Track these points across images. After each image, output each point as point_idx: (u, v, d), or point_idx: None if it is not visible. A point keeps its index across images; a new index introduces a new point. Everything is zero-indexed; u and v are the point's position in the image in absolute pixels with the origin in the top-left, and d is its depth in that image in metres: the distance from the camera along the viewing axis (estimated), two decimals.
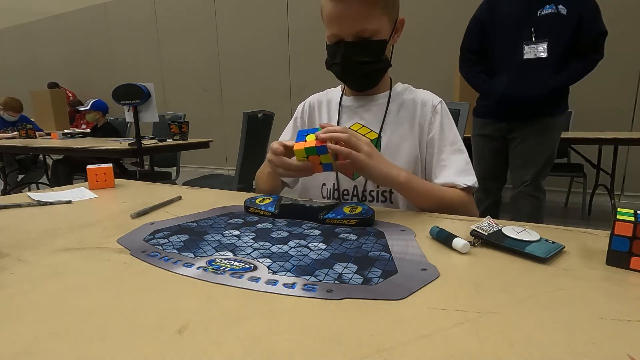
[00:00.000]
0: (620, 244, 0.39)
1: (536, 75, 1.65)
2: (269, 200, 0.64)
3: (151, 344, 0.27)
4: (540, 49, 1.65)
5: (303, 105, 0.91)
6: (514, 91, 1.69)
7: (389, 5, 0.72)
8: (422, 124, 0.79)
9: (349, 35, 0.71)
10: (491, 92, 1.78)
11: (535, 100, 1.67)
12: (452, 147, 0.77)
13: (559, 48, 1.63)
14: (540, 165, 1.75)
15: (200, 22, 5.02)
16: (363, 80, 0.79)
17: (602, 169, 2.71)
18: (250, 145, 1.95)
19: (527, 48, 1.66)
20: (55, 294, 0.36)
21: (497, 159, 1.88)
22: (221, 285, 0.37)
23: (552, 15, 1.61)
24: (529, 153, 1.76)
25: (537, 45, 1.65)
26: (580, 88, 3.12)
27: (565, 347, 0.26)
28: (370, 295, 0.34)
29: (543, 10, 1.62)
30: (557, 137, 1.78)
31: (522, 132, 1.75)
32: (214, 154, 4.09)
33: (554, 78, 1.65)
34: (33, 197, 0.77)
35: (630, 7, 2.91)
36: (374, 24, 0.71)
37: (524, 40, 1.66)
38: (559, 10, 1.60)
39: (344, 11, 0.69)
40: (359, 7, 0.68)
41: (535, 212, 1.80)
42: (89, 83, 6.21)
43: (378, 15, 0.71)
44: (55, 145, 2.57)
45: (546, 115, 1.71)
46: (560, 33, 1.61)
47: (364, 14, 0.69)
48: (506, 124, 1.78)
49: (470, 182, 0.73)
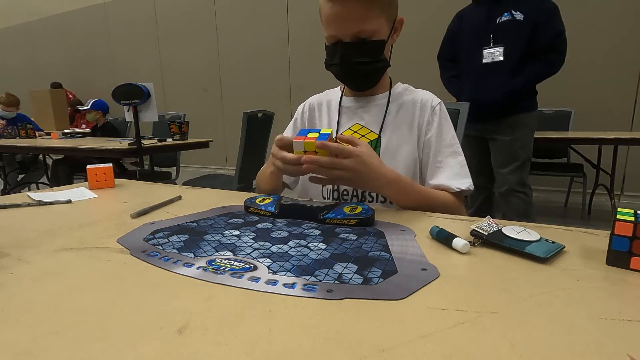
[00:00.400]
0: (620, 244, 0.39)
1: (494, 78, 1.80)
2: (269, 200, 0.64)
3: (151, 344, 0.27)
4: (497, 53, 1.80)
5: (303, 106, 0.91)
6: (476, 93, 1.83)
7: (387, 5, 0.72)
8: (421, 124, 0.79)
9: (347, 36, 0.71)
10: (460, 94, 1.97)
11: (494, 102, 1.81)
12: (449, 150, 0.77)
13: (516, 52, 1.76)
14: (519, 161, 1.86)
15: (200, 22, 5.01)
16: (362, 81, 0.79)
17: (602, 169, 2.71)
18: (250, 145, 1.95)
19: (485, 53, 1.83)
20: (55, 294, 0.36)
21: (480, 155, 2.01)
22: (221, 285, 0.37)
23: (508, 21, 1.76)
24: (505, 150, 1.89)
25: (494, 49, 1.80)
26: (580, 88, 3.12)
27: (565, 347, 0.26)
28: (370, 295, 0.34)
29: (501, 18, 1.78)
30: (530, 132, 1.89)
31: (495, 130, 1.90)
32: (214, 154, 4.09)
33: (512, 81, 1.78)
34: (33, 197, 0.77)
35: (630, 7, 2.91)
36: (372, 24, 0.71)
37: (484, 46, 1.83)
38: (515, 17, 1.75)
39: (342, 12, 0.69)
40: (356, 7, 0.68)
41: (523, 209, 1.90)
42: (89, 83, 6.20)
43: (376, 15, 0.71)
44: (55, 145, 2.57)
45: (517, 112, 1.83)
46: (517, 38, 1.74)
47: (361, 15, 0.69)
48: (480, 124, 1.90)
49: (463, 185, 0.74)
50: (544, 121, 2.98)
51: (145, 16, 5.45)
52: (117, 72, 5.86)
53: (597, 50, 3.05)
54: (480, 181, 2.03)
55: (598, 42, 3.04)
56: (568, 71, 3.14)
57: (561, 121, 2.94)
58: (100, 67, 6.09)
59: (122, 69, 5.84)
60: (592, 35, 3.04)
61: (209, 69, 5.06)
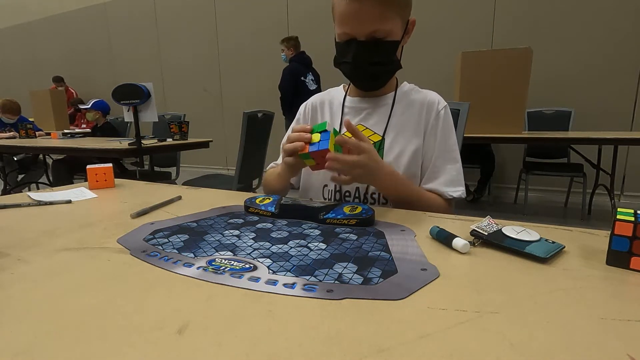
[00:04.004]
0: (620, 244, 0.39)
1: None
2: (269, 200, 0.64)
3: (151, 343, 0.27)
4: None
5: (305, 105, 0.90)
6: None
7: (403, 5, 0.71)
8: (425, 127, 0.79)
9: (362, 34, 0.70)
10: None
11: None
12: (448, 155, 0.77)
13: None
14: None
15: (200, 22, 5.01)
16: (372, 81, 0.79)
17: (602, 169, 2.71)
18: (250, 145, 1.95)
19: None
20: (55, 294, 0.36)
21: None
22: (221, 285, 0.37)
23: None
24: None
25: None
26: (580, 88, 3.12)
27: (565, 347, 0.26)
28: (370, 295, 0.34)
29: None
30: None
31: None
32: (214, 154, 4.10)
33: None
34: (33, 197, 0.77)
35: (630, 7, 2.91)
36: (388, 24, 0.70)
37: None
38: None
39: (359, 10, 0.68)
40: (374, 6, 0.67)
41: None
42: (88, 83, 6.21)
43: (392, 15, 0.70)
44: (55, 145, 2.57)
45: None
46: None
47: (378, 14, 0.68)
48: None
49: (456, 193, 0.75)
50: (544, 121, 2.99)
51: (145, 16, 5.45)
52: (117, 72, 5.86)
53: (597, 51, 3.05)
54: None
55: (598, 42, 3.04)
56: (568, 71, 3.17)
57: (561, 121, 2.95)
58: (100, 67, 6.09)
59: (122, 68, 5.85)
60: (592, 36, 3.05)
61: (208, 69, 5.06)
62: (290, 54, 3.62)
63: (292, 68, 3.51)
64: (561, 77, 3.20)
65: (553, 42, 3.16)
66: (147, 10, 5.43)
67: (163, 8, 5.31)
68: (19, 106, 3.61)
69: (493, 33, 3.41)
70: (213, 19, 4.92)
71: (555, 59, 3.17)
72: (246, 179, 2.00)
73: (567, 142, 2.81)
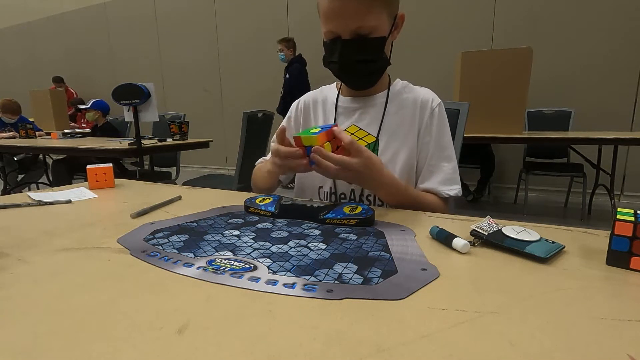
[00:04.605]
0: (620, 244, 0.39)
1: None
2: (269, 200, 0.64)
3: (151, 344, 0.27)
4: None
5: (297, 103, 0.89)
6: None
7: (389, 0, 0.70)
8: (419, 126, 0.78)
9: (347, 32, 0.69)
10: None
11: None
12: (443, 154, 0.76)
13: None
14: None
15: (200, 21, 5.01)
16: (361, 79, 0.77)
17: (602, 169, 2.71)
18: (250, 145, 1.95)
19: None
20: (55, 294, 0.36)
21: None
22: (221, 285, 0.37)
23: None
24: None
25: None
26: (580, 88, 3.12)
27: (565, 347, 0.26)
28: (370, 295, 0.34)
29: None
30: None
31: None
32: (214, 154, 4.09)
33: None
34: (33, 197, 0.77)
35: (630, 8, 2.91)
36: (373, 20, 0.68)
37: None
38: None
39: (342, 7, 0.67)
40: (357, 2, 0.66)
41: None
42: (88, 83, 6.21)
43: (377, 11, 0.68)
44: (55, 145, 2.57)
45: None
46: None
47: (362, 10, 0.67)
48: None
49: (452, 192, 0.75)
50: (544, 121, 2.99)
51: (145, 16, 5.45)
52: (117, 72, 5.86)
53: (597, 51, 3.05)
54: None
55: (598, 43, 3.04)
56: (568, 71, 3.17)
57: (561, 121, 2.95)
58: (100, 66, 6.09)
59: (122, 68, 5.85)
60: (592, 36, 3.05)
61: (209, 69, 5.06)
62: (290, 54, 3.63)
63: (301, 68, 3.56)
64: (561, 77, 3.19)
65: (553, 42, 3.16)
66: (147, 10, 5.42)
67: (163, 8, 5.31)
68: (19, 106, 3.61)
69: (493, 33, 3.41)
70: (213, 19, 4.92)
71: (555, 59, 3.17)
72: (246, 179, 1.99)
73: (567, 142, 2.81)
